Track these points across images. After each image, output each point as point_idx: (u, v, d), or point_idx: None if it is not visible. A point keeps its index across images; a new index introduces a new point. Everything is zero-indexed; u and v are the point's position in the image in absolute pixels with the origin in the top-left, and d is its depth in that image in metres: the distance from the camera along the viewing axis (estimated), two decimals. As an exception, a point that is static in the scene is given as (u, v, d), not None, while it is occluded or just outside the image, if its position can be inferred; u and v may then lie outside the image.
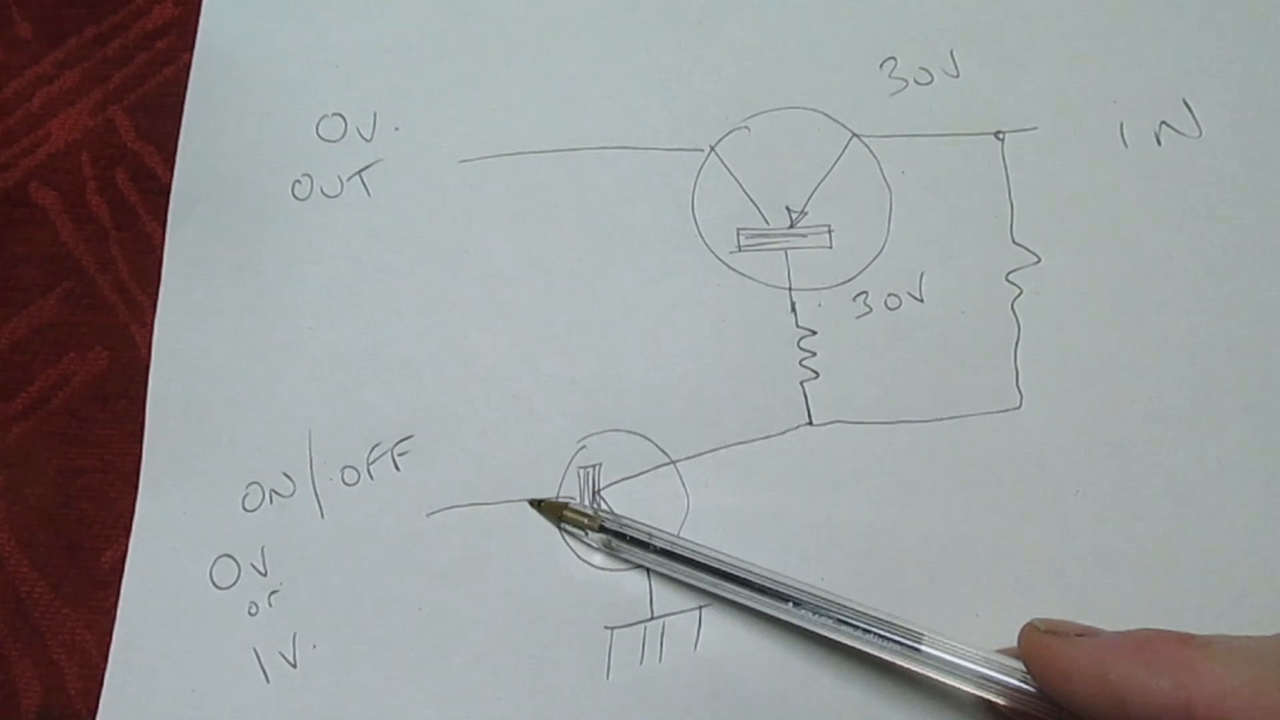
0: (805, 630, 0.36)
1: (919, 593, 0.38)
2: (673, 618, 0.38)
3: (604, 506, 0.40)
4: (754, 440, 0.40)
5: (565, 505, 0.39)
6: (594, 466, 0.40)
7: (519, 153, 0.44)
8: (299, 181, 0.44)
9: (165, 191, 0.44)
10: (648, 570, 0.39)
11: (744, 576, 0.37)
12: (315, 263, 0.43)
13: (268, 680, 0.39)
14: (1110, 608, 0.37)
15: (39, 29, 0.47)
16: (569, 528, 0.39)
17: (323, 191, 0.44)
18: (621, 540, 0.38)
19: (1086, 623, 0.33)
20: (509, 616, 0.39)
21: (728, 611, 0.38)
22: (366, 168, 0.44)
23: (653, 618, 0.39)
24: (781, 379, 0.41)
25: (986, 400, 0.40)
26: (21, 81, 0.46)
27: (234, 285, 0.43)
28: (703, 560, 0.37)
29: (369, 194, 0.44)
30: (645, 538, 0.38)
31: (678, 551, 0.38)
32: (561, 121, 0.44)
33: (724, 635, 0.38)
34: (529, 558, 0.39)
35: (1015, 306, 0.41)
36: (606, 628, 0.39)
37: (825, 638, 0.36)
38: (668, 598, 0.39)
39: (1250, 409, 0.39)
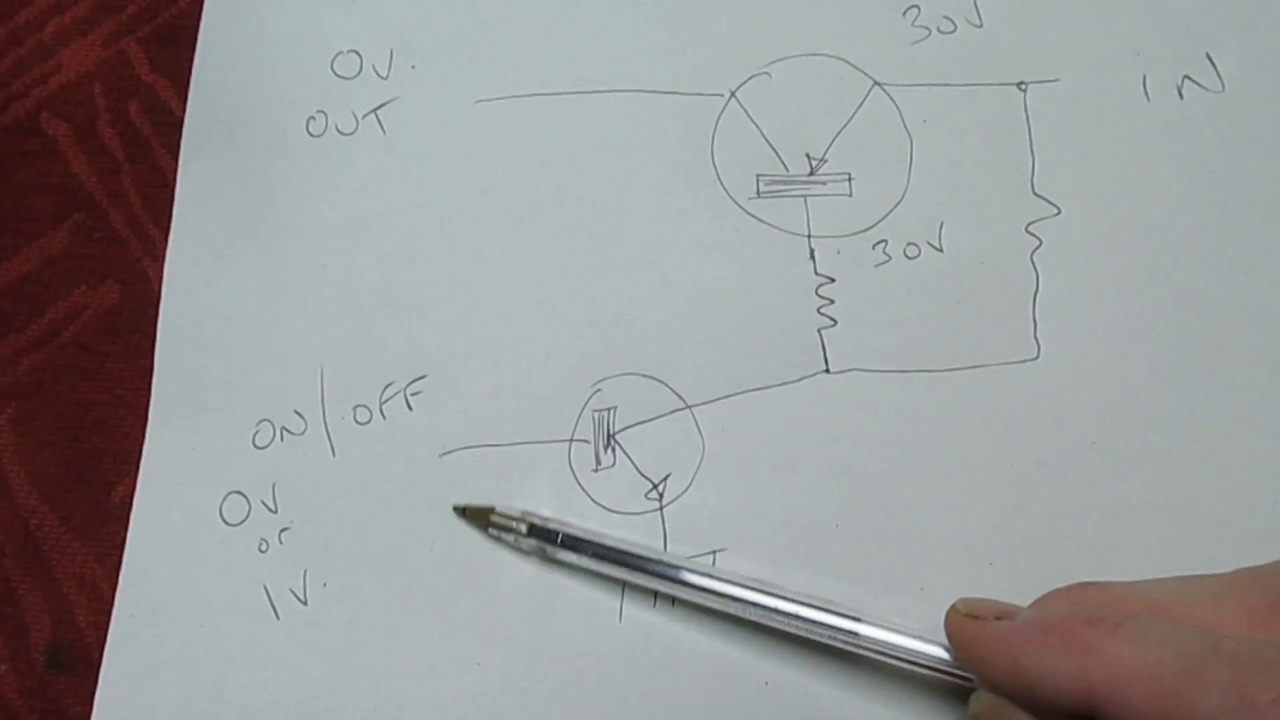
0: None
1: (933, 541, 0.38)
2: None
3: (619, 450, 0.40)
4: (770, 386, 0.40)
5: (491, 510, 0.39)
6: (609, 410, 0.40)
7: (537, 94, 0.43)
8: (313, 118, 0.44)
9: (178, 125, 0.44)
10: (661, 515, 0.39)
11: (687, 580, 0.36)
12: (329, 200, 0.43)
13: (278, 617, 0.39)
14: (1126, 559, 0.37)
15: (50, -43, 0.46)
16: (497, 533, 0.39)
17: (338, 129, 0.44)
18: (552, 544, 0.38)
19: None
20: (521, 558, 0.39)
21: (744, 555, 0.38)
22: (382, 105, 0.44)
23: (666, 561, 0.39)
24: (799, 326, 0.40)
25: (1004, 351, 0.40)
26: (33, 10, 0.46)
27: (247, 221, 0.43)
28: (643, 562, 0.37)
29: (384, 132, 0.44)
30: (577, 541, 0.37)
31: (616, 554, 0.37)
32: (581, 63, 0.44)
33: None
34: (542, 499, 0.39)
35: (1035, 258, 0.40)
36: (619, 570, 0.39)
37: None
38: (682, 541, 0.39)
39: (1269, 363, 0.39)
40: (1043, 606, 0.33)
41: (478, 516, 0.39)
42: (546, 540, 0.38)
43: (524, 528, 0.38)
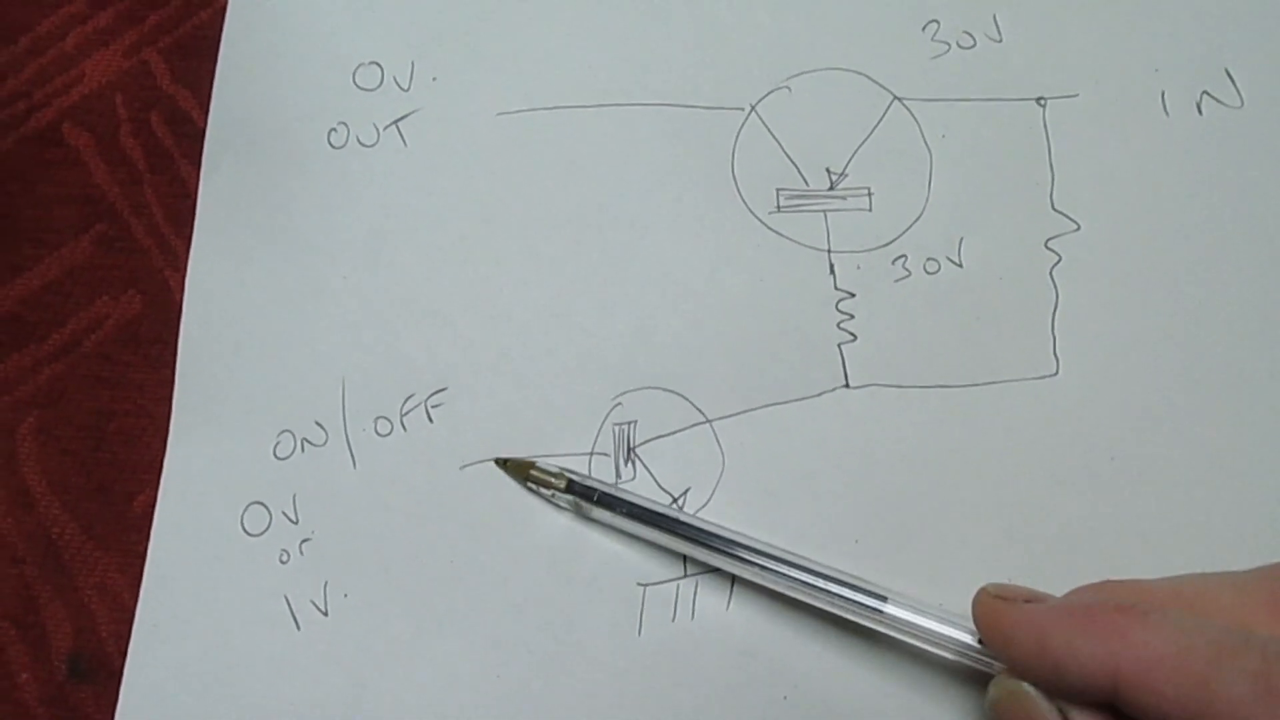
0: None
1: (951, 556, 0.38)
2: (706, 576, 0.39)
3: (639, 463, 0.40)
4: (790, 401, 0.40)
5: (531, 464, 0.39)
6: (629, 424, 0.40)
7: (558, 107, 0.44)
8: (335, 130, 0.44)
9: (200, 136, 0.44)
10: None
11: (712, 544, 0.37)
12: (350, 212, 0.43)
13: (298, 628, 0.39)
14: (1144, 574, 0.37)
15: (72, -33, 0.46)
16: (535, 487, 0.39)
17: (359, 140, 0.44)
18: (589, 502, 0.38)
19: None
20: (541, 571, 0.39)
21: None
22: (403, 117, 0.44)
23: (685, 575, 0.39)
24: (819, 341, 0.41)
25: (1023, 367, 0.40)
26: (55, 20, 0.46)
27: (268, 232, 0.43)
28: (675, 524, 0.37)
29: (405, 144, 0.44)
30: (613, 500, 0.38)
31: (649, 513, 0.38)
32: (601, 77, 0.44)
33: (757, 594, 0.38)
34: (562, 513, 0.39)
35: (1054, 273, 0.41)
36: (639, 584, 0.39)
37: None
38: (702, 555, 0.39)
39: (1288, 381, 0.39)
40: (1071, 597, 0.33)
41: (518, 470, 0.40)
42: (583, 497, 0.38)
43: (562, 483, 0.39)
